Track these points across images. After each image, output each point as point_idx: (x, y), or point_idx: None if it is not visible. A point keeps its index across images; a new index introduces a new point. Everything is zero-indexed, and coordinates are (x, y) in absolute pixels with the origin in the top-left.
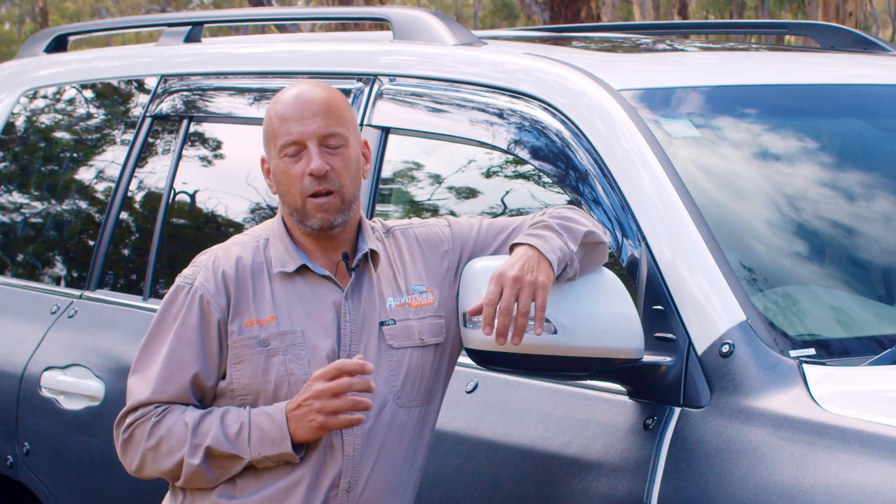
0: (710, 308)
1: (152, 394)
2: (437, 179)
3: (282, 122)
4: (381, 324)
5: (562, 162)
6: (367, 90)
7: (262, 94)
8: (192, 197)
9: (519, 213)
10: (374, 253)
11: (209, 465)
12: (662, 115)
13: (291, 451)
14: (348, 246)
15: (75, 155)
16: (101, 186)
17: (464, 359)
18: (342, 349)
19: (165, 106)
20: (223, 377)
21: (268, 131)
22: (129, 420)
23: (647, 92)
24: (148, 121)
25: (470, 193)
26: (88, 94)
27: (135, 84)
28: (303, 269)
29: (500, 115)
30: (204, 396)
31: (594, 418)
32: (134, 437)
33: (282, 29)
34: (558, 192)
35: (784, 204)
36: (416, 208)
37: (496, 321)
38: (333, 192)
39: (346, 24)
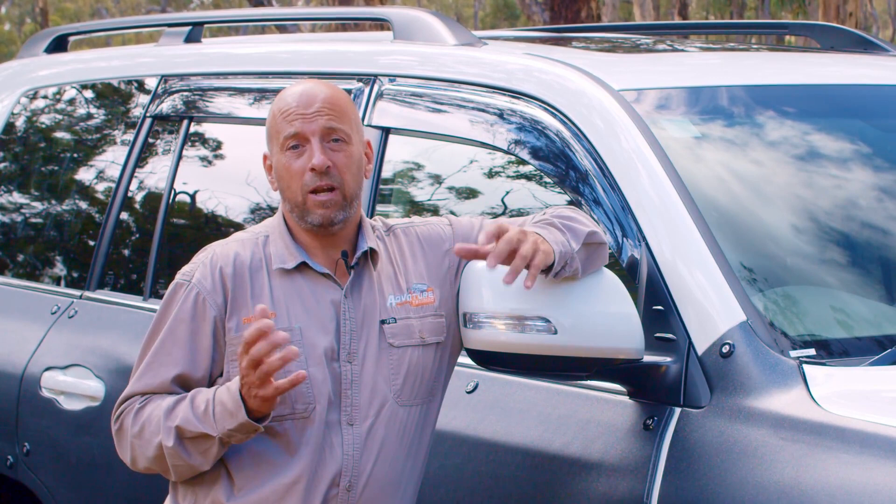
0: (711, 308)
1: (139, 386)
2: (437, 179)
3: (285, 116)
4: (382, 322)
5: (562, 162)
6: (367, 90)
7: (262, 95)
8: (192, 197)
9: (519, 213)
10: (373, 251)
11: (184, 446)
12: (662, 115)
13: (248, 420)
14: (348, 244)
15: (75, 155)
16: (101, 186)
17: (464, 359)
18: (342, 347)
19: (165, 106)
20: (220, 374)
21: (271, 126)
22: (118, 411)
23: (647, 92)
24: (148, 121)
25: (470, 193)
26: (88, 94)
27: (135, 84)
28: (302, 267)
29: (501, 116)
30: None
31: (594, 418)
32: (123, 427)
33: (282, 29)
34: (558, 192)
35: (784, 204)
36: (416, 208)
37: (497, 249)
38: (335, 189)
39: (346, 24)
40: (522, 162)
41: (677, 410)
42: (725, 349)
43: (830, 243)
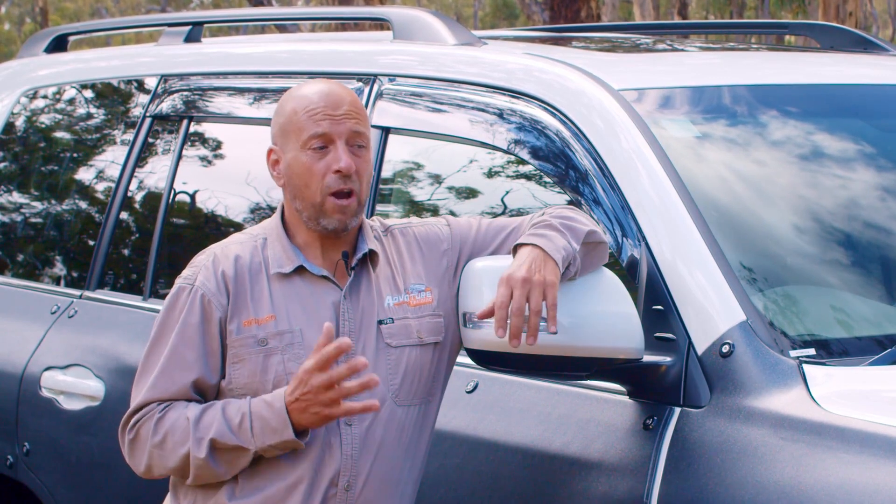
0: (710, 308)
1: (155, 393)
2: (437, 179)
3: (311, 115)
4: (380, 322)
5: (562, 162)
6: (367, 90)
7: (262, 94)
8: (192, 197)
9: (519, 213)
10: (373, 253)
11: (215, 458)
12: (662, 115)
13: (295, 439)
14: (348, 245)
15: (75, 155)
16: (101, 186)
17: (464, 359)
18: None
19: (165, 106)
20: (223, 376)
21: (290, 123)
22: (133, 420)
23: (647, 92)
24: (148, 121)
25: (470, 193)
26: (88, 94)
27: (135, 84)
28: (301, 269)
29: (500, 115)
30: (206, 395)
31: (594, 418)
32: (140, 436)
33: (282, 29)
34: (558, 192)
35: (784, 204)
36: (416, 208)
37: (509, 323)
38: (353, 195)
39: (346, 24)
40: (522, 162)
41: (677, 410)
42: (725, 349)
43: (830, 243)
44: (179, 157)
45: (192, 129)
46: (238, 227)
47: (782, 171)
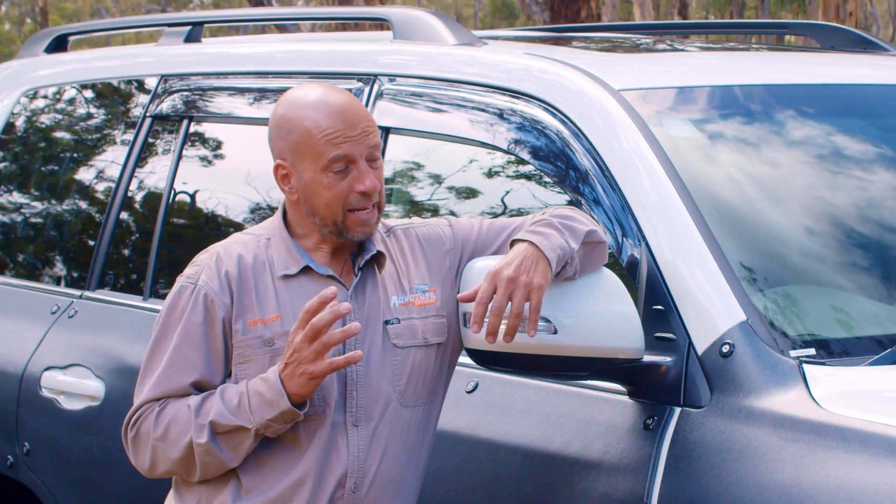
0: (711, 308)
1: (156, 392)
2: (437, 179)
3: (329, 138)
4: (386, 322)
5: (562, 162)
6: (367, 90)
7: (262, 94)
8: (192, 197)
9: (519, 213)
10: (380, 254)
11: (218, 442)
12: (662, 115)
13: (291, 407)
14: (355, 246)
15: (75, 155)
16: (101, 186)
17: (464, 359)
18: (347, 348)
19: (165, 106)
20: (229, 375)
21: (305, 143)
22: (133, 419)
23: (647, 92)
24: (148, 121)
25: (470, 193)
26: (88, 94)
27: (135, 84)
28: (306, 269)
29: (500, 115)
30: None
31: (594, 418)
32: (140, 432)
33: (282, 29)
34: (558, 192)
35: (784, 204)
36: (416, 208)
37: (486, 320)
38: (374, 207)
39: (346, 24)
40: (522, 162)
41: (677, 410)
42: (725, 349)
43: (831, 242)
44: (179, 157)
45: (192, 129)
46: (238, 227)
47: (783, 170)
